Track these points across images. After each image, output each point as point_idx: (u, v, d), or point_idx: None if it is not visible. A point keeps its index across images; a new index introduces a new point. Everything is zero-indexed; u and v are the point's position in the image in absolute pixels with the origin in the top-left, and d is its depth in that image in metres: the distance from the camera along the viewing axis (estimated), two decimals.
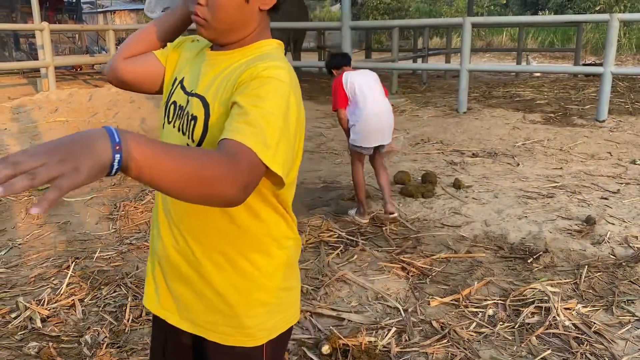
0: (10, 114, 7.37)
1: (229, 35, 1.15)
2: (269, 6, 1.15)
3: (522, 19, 15.55)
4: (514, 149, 5.99)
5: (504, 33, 25.67)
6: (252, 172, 0.95)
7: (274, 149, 0.98)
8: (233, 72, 1.11)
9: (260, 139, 0.97)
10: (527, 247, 3.42)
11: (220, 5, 1.09)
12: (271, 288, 1.20)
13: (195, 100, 1.15)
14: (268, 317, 1.20)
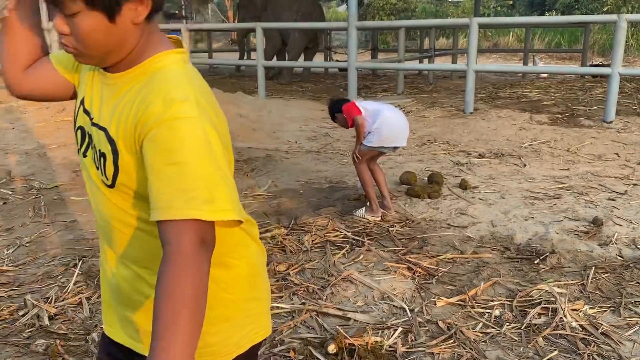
0: (17, 112, 7.42)
1: (109, 58, 1.02)
2: (142, 17, 0.99)
3: (529, 20, 15.50)
4: (520, 149, 5.97)
5: (510, 34, 25.59)
6: (202, 243, 0.91)
7: (213, 198, 0.92)
8: (132, 103, 1.00)
9: (194, 199, 0.90)
10: (533, 248, 3.41)
11: (84, 34, 0.96)
12: (233, 301, 1.13)
13: (100, 134, 1.04)
14: (234, 331, 1.14)
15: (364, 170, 3.95)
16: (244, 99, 8.58)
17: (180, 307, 0.87)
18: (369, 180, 3.98)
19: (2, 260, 3.30)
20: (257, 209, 4.20)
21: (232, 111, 7.63)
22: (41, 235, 3.71)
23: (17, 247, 3.51)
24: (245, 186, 4.79)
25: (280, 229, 3.70)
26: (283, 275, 3.06)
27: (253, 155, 5.86)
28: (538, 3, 30.73)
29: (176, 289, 0.88)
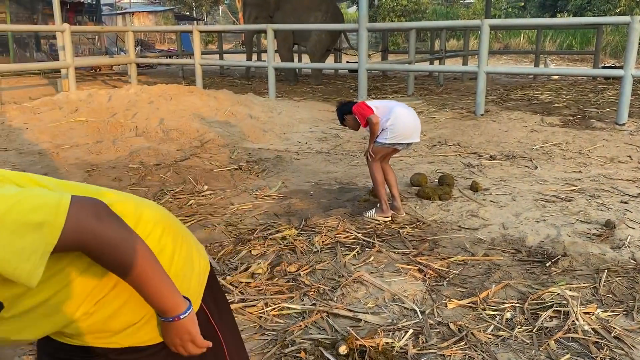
0: (31, 113, 7.49)
1: None
2: None
3: (541, 22, 15.43)
4: (532, 151, 5.94)
5: (521, 35, 25.48)
6: None
7: None
8: None
9: None
10: (545, 250, 3.40)
11: None
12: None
13: None
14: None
15: (376, 169, 3.96)
16: (255, 100, 8.61)
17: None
18: (381, 180, 3.98)
19: None
20: (268, 210, 4.21)
21: (243, 112, 7.66)
22: None
23: None
24: (256, 187, 4.81)
25: (290, 230, 3.71)
26: (294, 276, 3.07)
27: (263, 156, 5.88)
28: (549, 4, 30.55)
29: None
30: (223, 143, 6.35)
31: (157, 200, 4.40)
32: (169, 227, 1.28)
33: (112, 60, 14.62)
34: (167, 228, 1.28)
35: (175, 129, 6.62)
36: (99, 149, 5.97)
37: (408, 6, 27.17)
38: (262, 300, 2.79)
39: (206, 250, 3.41)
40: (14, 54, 16.15)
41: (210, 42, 32.06)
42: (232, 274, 3.08)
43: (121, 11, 40.69)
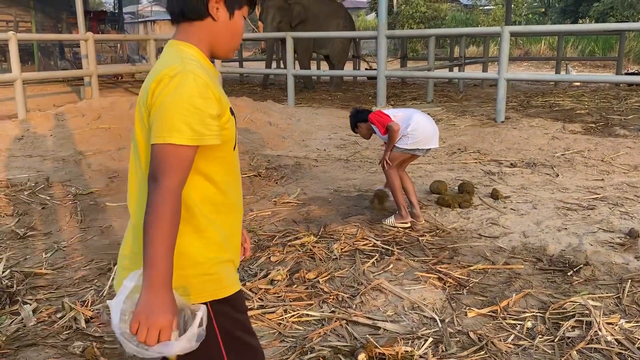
0: (55, 120, 7.64)
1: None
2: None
3: (562, 28, 15.28)
4: (553, 159, 5.88)
5: (542, 41, 25.25)
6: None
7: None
8: None
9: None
10: (567, 259, 3.36)
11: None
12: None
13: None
14: None
15: (394, 176, 3.96)
16: (274, 108, 8.67)
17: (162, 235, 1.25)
18: (399, 186, 3.98)
19: (41, 263, 3.41)
20: (287, 217, 4.23)
21: (262, 119, 7.71)
22: (78, 240, 3.81)
23: (55, 251, 3.61)
24: (275, 194, 4.83)
25: (309, 237, 3.72)
26: (313, 283, 3.07)
27: (282, 163, 5.91)
28: (571, 10, 30.24)
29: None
30: (242, 150, 6.40)
31: None
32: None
33: (134, 68, 14.82)
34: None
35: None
36: (121, 155, 6.05)
37: (427, 13, 27.12)
38: (281, 306, 2.80)
39: None
40: (38, 62, 16.50)
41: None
42: (251, 280, 3.10)
43: (143, 19, 41.36)
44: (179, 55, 1.31)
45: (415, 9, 27.00)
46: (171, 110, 1.22)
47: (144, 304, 1.17)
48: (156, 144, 1.22)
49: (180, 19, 1.36)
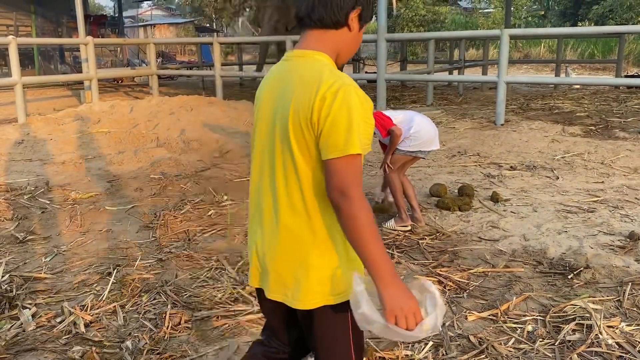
0: (55, 124, 7.65)
1: None
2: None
3: (561, 31, 15.31)
4: (553, 162, 5.88)
5: (542, 44, 25.29)
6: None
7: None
8: None
9: None
10: (567, 262, 3.35)
11: None
12: None
13: None
14: None
15: (395, 178, 3.96)
16: None
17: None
18: (400, 188, 3.98)
19: (41, 267, 3.40)
20: None
21: None
22: (77, 244, 3.81)
23: (54, 255, 3.61)
24: None
25: None
26: None
27: None
28: (570, 13, 30.29)
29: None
30: (243, 153, 6.40)
31: (177, 210, 4.45)
32: None
33: (133, 72, 14.85)
34: None
35: (196, 139, 6.69)
36: (121, 159, 6.06)
37: (427, 16, 27.15)
38: None
39: (226, 260, 3.44)
40: (38, 66, 16.52)
41: (229, 53, 32.40)
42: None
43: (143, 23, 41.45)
44: (325, 68, 1.35)
45: (415, 12, 27.03)
46: (344, 125, 1.28)
47: (390, 299, 1.28)
48: (335, 159, 1.28)
49: (316, 25, 1.39)
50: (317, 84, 1.31)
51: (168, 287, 3.08)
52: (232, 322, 2.70)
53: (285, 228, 1.40)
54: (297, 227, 1.39)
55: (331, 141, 1.28)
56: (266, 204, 1.45)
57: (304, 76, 1.35)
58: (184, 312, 2.78)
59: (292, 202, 1.38)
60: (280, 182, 1.39)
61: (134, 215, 4.39)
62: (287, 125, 1.34)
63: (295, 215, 1.39)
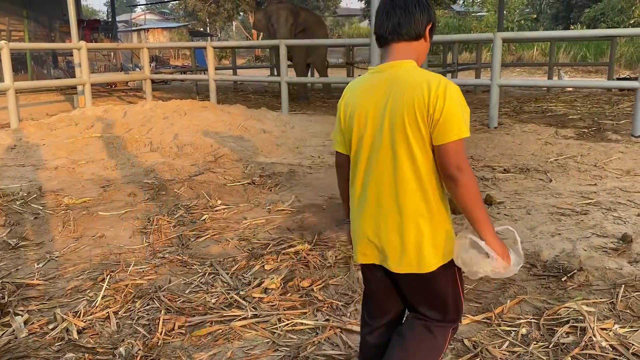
0: (48, 129, 7.61)
1: None
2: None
3: (554, 34, 15.39)
4: (546, 164, 5.90)
5: (534, 47, 25.42)
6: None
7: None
8: None
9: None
10: (561, 265, 3.36)
11: None
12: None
13: None
14: None
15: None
16: (268, 115, 8.67)
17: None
18: None
19: (33, 274, 3.38)
20: (281, 224, 4.22)
21: (256, 127, 7.72)
22: (70, 250, 3.79)
23: (47, 261, 3.59)
24: (269, 201, 4.82)
25: (303, 245, 3.71)
26: (307, 291, 3.06)
27: (277, 170, 5.91)
28: (562, 16, 30.47)
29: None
30: (236, 158, 6.39)
31: (170, 215, 4.44)
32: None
33: (127, 77, 14.83)
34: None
35: (190, 144, 6.68)
36: (114, 164, 6.04)
37: None
38: (275, 315, 2.79)
39: (220, 265, 3.43)
40: (31, 71, 16.47)
41: (223, 57, 32.41)
42: (245, 289, 3.09)
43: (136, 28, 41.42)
44: (425, 72, 1.69)
45: None
46: (456, 113, 1.61)
47: (496, 244, 1.69)
48: (452, 142, 1.61)
49: (403, 39, 1.73)
50: (427, 85, 1.62)
51: (162, 293, 3.06)
52: (226, 327, 2.69)
53: (408, 208, 1.69)
54: (417, 205, 1.68)
55: (448, 129, 1.60)
56: (384, 190, 1.71)
57: (410, 81, 1.66)
58: (177, 318, 2.77)
59: (412, 184, 1.67)
60: (399, 169, 1.68)
61: (127, 220, 4.37)
62: (404, 122, 1.64)
63: (415, 195, 1.68)
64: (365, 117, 1.73)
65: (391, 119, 1.66)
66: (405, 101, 1.63)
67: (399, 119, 1.65)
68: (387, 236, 1.72)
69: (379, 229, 1.74)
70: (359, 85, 1.81)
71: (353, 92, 1.82)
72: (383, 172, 1.71)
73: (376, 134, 1.71)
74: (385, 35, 1.75)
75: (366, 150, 1.74)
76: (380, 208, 1.73)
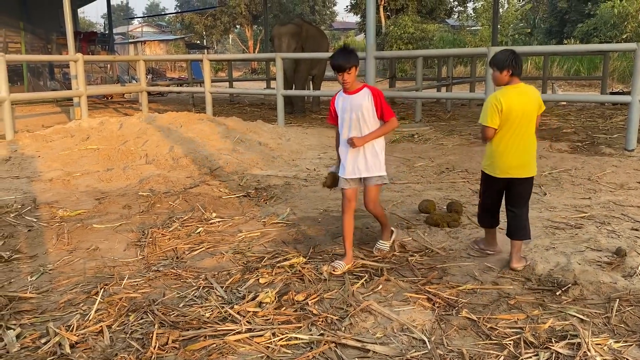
0: (43, 141, 7.60)
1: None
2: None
3: (547, 49, 15.53)
4: (540, 178, 5.93)
5: (529, 61, 25.61)
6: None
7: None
8: None
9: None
10: (555, 279, 3.36)
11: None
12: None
13: None
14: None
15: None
16: (264, 127, 8.69)
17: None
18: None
19: (26, 287, 3.36)
20: (276, 237, 4.22)
21: (252, 139, 7.73)
22: (64, 263, 3.77)
23: (40, 274, 3.56)
24: (264, 214, 4.82)
25: (298, 258, 3.71)
26: (301, 305, 3.05)
27: (272, 183, 5.91)
28: (556, 31, 30.75)
29: None
30: (232, 170, 6.39)
31: (165, 227, 4.43)
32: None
33: (123, 89, 14.84)
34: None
35: (185, 156, 6.68)
36: (110, 176, 6.03)
37: (415, 34, 27.45)
38: (269, 330, 2.78)
39: (214, 278, 3.42)
40: (28, 82, 16.46)
41: (220, 69, 32.49)
42: (239, 303, 3.07)
43: (133, 40, 41.54)
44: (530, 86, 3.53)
45: (404, 29, 27.34)
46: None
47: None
48: (539, 115, 3.59)
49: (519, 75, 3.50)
50: (536, 94, 3.52)
51: (155, 307, 3.05)
52: (220, 341, 2.68)
53: (527, 148, 3.51)
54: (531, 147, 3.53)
55: (541, 111, 3.53)
56: (521, 141, 3.47)
57: (530, 92, 3.51)
58: (171, 332, 2.75)
59: (531, 138, 3.51)
60: (527, 133, 3.47)
61: (121, 233, 4.36)
62: (533, 113, 3.48)
63: (530, 143, 3.51)
64: (517, 112, 3.43)
65: (528, 112, 3.47)
66: (533, 102, 3.50)
67: (532, 112, 3.48)
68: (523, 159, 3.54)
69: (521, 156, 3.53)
70: (511, 95, 3.45)
71: (510, 99, 3.43)
72: (519, 134, 3.48)
73: (521, 120, 3.44)
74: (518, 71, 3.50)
75: (514, 125, 3.46)
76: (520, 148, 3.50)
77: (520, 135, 3.44)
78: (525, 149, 3.48)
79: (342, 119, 3.59)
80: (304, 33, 12.12)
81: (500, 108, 3.41)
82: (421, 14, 29.49)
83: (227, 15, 41.46)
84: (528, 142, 3.48)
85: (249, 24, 42.74)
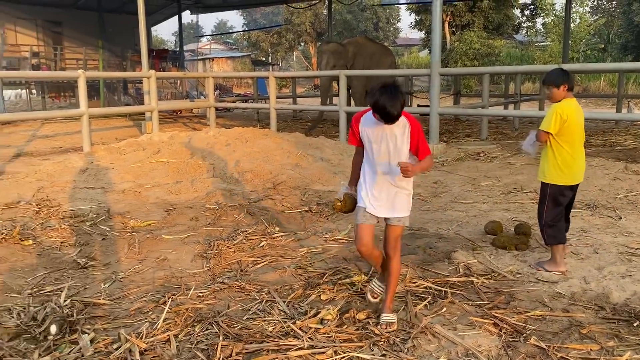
0: (117, 154, 7.98)
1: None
2: None
3: (622, 66, 14.84)
4: (615, 201, 5.64)
5: (602, 78, 24.58)
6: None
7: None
8: None
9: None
10: (632, 309, 3.18)
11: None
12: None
13: None
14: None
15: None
16: (326, 143, 8.76)
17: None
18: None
19: (100, 293, 3.52)
20: (337, 254, 4.22)
21: (314, 155, 7.80)
22: (135, 271, 3.93)
23: (113, 282, 3.73)
24: (326, 230, 4.84)
25: (360, 276, 3.69)
26: (363, 324, 3.03)
27: (334, 198, 5.92)
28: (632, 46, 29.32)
29: None
30: (294, 185, 6.47)
31: (230, 240, 4.53)
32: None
33: (192, 104, 15.39)
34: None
35: (250, 170, 6.83)
36: (178, 189, 6.24)
37: (481, 50, 26.99)
38: (331, 347, 2.77)
39: (277, 292, 3.46)
40: (104, 97, 17.39)
41: (283, 86, 33.11)
42: (301, 319, 3.09)
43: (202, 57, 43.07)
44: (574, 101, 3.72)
45: (469, 45, 26.94)
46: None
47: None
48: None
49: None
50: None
51: (220, 318, 3.11)
52: (283, 356, 2.70)
53: (584, 155, 3.85)
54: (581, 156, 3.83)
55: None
56: (582, 149, 3.78)
57: (578, 106, 3.71)
58: (235, 344, 2.80)
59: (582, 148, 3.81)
60: (582, 142, 3.75)
61: (189, 244, 4.49)
62: (583, 125, 3.70)
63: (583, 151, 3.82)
64: (578, 123, 3.70)
65: (582, 123, 3.77)
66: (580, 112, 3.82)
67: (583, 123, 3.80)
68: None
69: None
70: (572, 108, 3.67)
71: (571, 111, 3.65)
72: (581, 144, 3.84)
73: (581, 130, 3.76)
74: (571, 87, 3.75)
75: (579, 136, 3.78)
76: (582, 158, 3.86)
77: (581, 144, 3.77)
78: (584, 156, 3.86)
79: (371, 147, 3.02)
80: (351, 51, 12.13)
81: (565, 118, 3.63)
82: (487, 30, 28.99)
83: (292, 32, 42.30)
84: (583, 150, 3.86)
85: (313, 41, 43.40)
